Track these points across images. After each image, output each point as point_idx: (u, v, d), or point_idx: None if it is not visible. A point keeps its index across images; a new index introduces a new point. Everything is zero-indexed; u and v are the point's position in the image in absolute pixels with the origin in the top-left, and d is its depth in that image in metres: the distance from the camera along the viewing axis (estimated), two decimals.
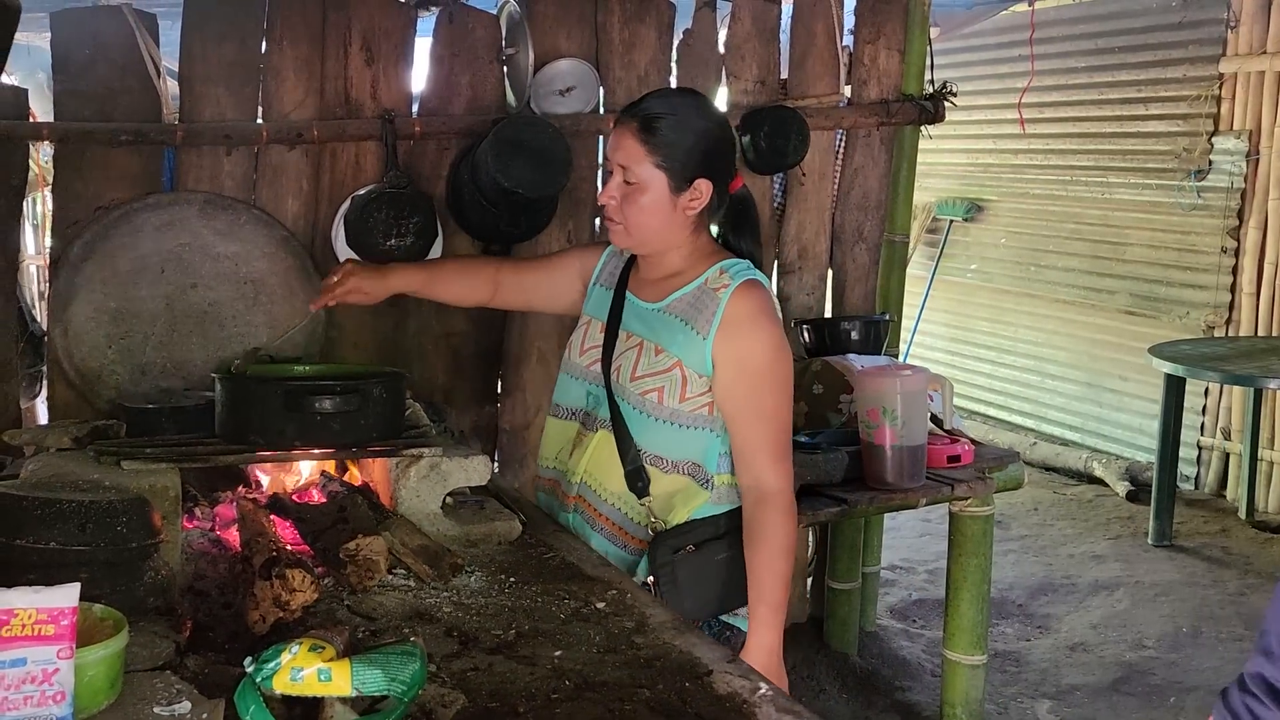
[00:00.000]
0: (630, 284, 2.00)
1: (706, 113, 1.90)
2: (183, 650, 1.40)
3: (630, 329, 1.94)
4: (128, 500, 1.44)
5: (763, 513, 1.84)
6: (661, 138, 1.83)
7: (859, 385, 2.65)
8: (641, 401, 1.88)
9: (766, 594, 1.83)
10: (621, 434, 1.89)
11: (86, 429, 1.92)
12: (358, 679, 1.18)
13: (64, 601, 1.14)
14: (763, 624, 1.83)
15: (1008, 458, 2.97)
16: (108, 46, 2.72)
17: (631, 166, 1.84)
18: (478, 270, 2.22)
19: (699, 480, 1.91)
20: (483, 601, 1.69)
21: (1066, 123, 5.97)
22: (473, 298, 2.23)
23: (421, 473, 1.90)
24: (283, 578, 1.47)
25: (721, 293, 1.85)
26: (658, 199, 1.85)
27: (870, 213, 3.50)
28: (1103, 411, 5.87)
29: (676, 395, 1.87)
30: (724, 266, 1.89)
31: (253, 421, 1.80)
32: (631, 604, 1.71)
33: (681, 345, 1.87)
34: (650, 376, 1.88)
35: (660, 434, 1.88)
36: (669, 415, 1.88)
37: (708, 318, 1.85)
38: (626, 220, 1.87)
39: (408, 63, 2.98)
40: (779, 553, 1.83)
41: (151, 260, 2.77)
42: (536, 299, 2.21)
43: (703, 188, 1.86)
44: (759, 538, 1.84)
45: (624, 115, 1.89)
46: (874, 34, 3.41)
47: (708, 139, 1.86)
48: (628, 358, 1.91)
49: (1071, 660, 3.67)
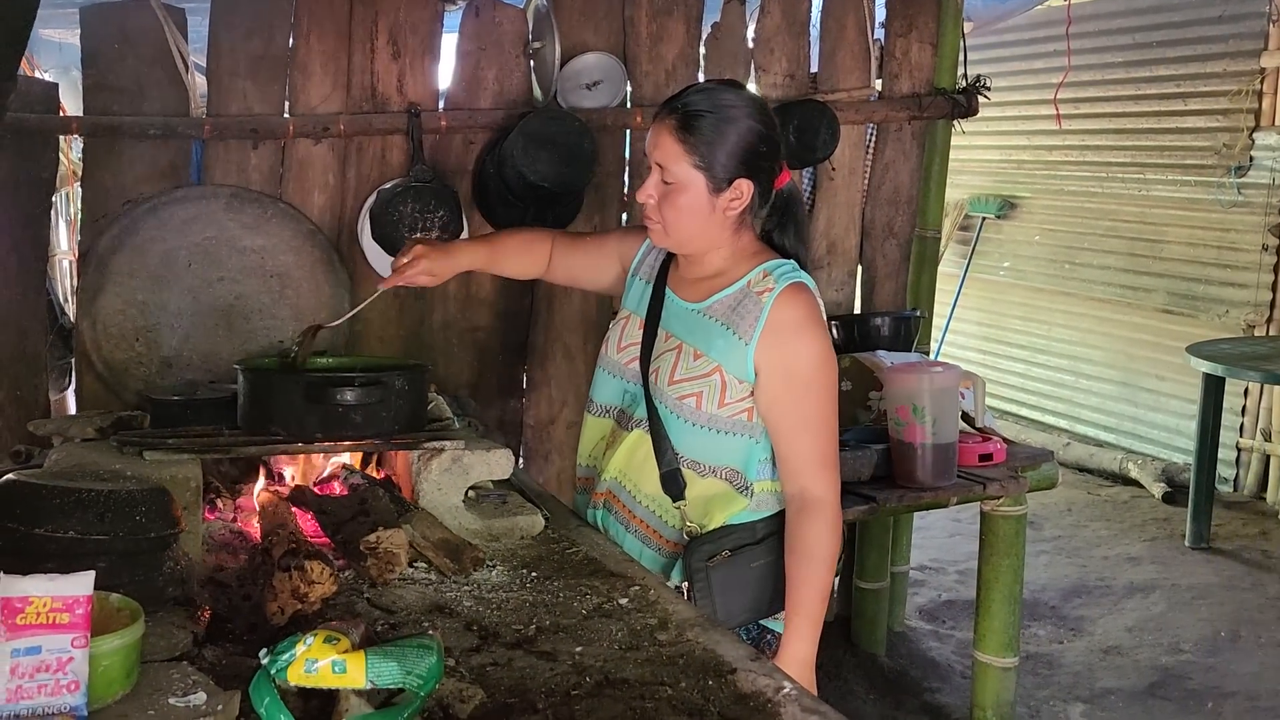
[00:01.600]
0: (670, 280, 1.93)
1: (750, 109, 1.79)
2: (200, 641, 1.39)
3: (669, 329, 1.89)
4: (147, 490, 1.43)
5: (807, 523, 1.78)
6: (701, 137, 1.75)
7: (888, 382, 2.61)
8: (679, 406, 1.83)
9: (805, 606, 1.78)
10: (658, 435, 1.84)
11: (110, 420, 1.93)
12: (373, 671, 1.16)
13: (79, 590, 1.13)
14: (799, 636, 1.78)
15: (1041, 456, 2.92)
16: (136, 41, 2.73)
17: (669, 166, 1.77)
18: (537, 245, 2.15)
19: (738, 487, 1.86)
20: (503, 596, 1.67)
21: (1103, 118, 5.88)
22: (530, 272, 2.18)
23: (443, 466, 1.88)
24: (301, 569, 1.46)
25: (765, 297, 1.79)
26: (696, 200, 1.78)
27: (901, 208, 3.46)
28: (1139, 412, 5.77)
29: (715, 401, 1.81)
30: (768, 268, 1.82)
31: (274, 413, 1.79)
32: (655, 600, 1.68)
33: (722, 350, 1.81)
34: (689, 381, 1.83)
35: (698, 439, 1.84)
36: (707, 421, 1.83)
37: (750, 323, 1.79)
38: (664, 220, 1.81)
39: (434, 57, 2.97)
40: (821, 565, 1.78)
41: (179, 253, 2.78)
42: (582, 277, 2.15)
43: (743, 188, 1.79)
44: (801, 548, 1.78)
45: (663, 110, 1.80)
46: (906, 27, 3.37)
47: (750, 137, 1.77)
48: (666, 360, 1.86)
49: (1106, 664, 3.60)
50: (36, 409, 2.79)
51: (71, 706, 1.12)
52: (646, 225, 1.87)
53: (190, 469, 1.69)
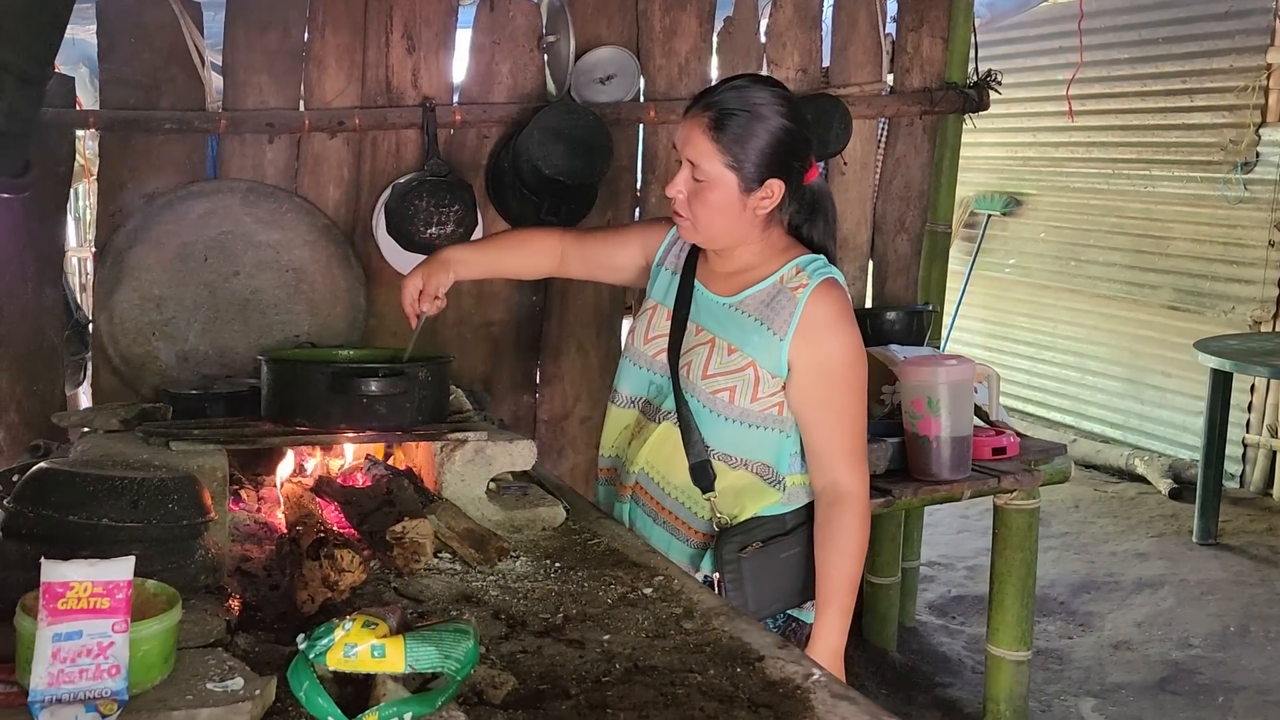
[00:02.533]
0: (699, 273, 1.93)
1: (782, 107, 1.77)
2: (233, 629, 1.40)
3: (700, 322, 1.88)
4: (179, 478, 1.43)
5: (838, 515, 1.80)
6: (733, 136, 1.74)
7: (904, 375, 2.62)
8: (712, 400, 1.83)
9: (836, 597, 1.79)
10: (687, 428, 1.85)
11: (135, 411, 1.93)
12: (411, 655, 1.17)
13: (120, 575, 1.13)
14: (830, 627, 1.79)
15: (1054, 450, 2.93)
16: (153, 35, 2.73)
17: (700, 163, 1.76)
18: (540, 242, 2.14)
19: (769, 480, 1.87)
20: (529, 586, 1.68)
21: (1109, 114, 5.88)
22: (537, 270, 2.17)
23: (467, 457, 1.88)
24: (331, 558, 1.46)
25: (799, 293, 1.79)
26: (727, 198, 1.77)
27: (912, 203, 3.46)
28: (1145, 408, 5.78)
29: (749, 395, 1.82)
30: (800, 264, 1.82)
31: (299, 404, 1.80)
32: (679, 590, 1.69)
33: (756, 346, 1.81)
34: (722, 375, 1.83)
35: (729, 432, 1.84)
36: (739, 415, 1.83)
37: (785, 319, 1.79)
38: (694, 217, 1.81)
39: (449, 51, 2.97)
40: (851, 556, 1.80)
41: (195, 248, 2.78)
42: (599, 270, 2.13)
43: (774, 188, 1.79)
44: (832, 540, 1.80)
45: (695, 107, 1.79)
46: (917, 21, 3.37)
47: (782, 137, 1.76)
48: (698, 354, 1.86)
49: (1115, 659, 3.61)
50: (53, 404, 2.79)
51: (113, 691, 1.13)
52: (675, 220, 1.87)
53: (217, 459, 1.70)
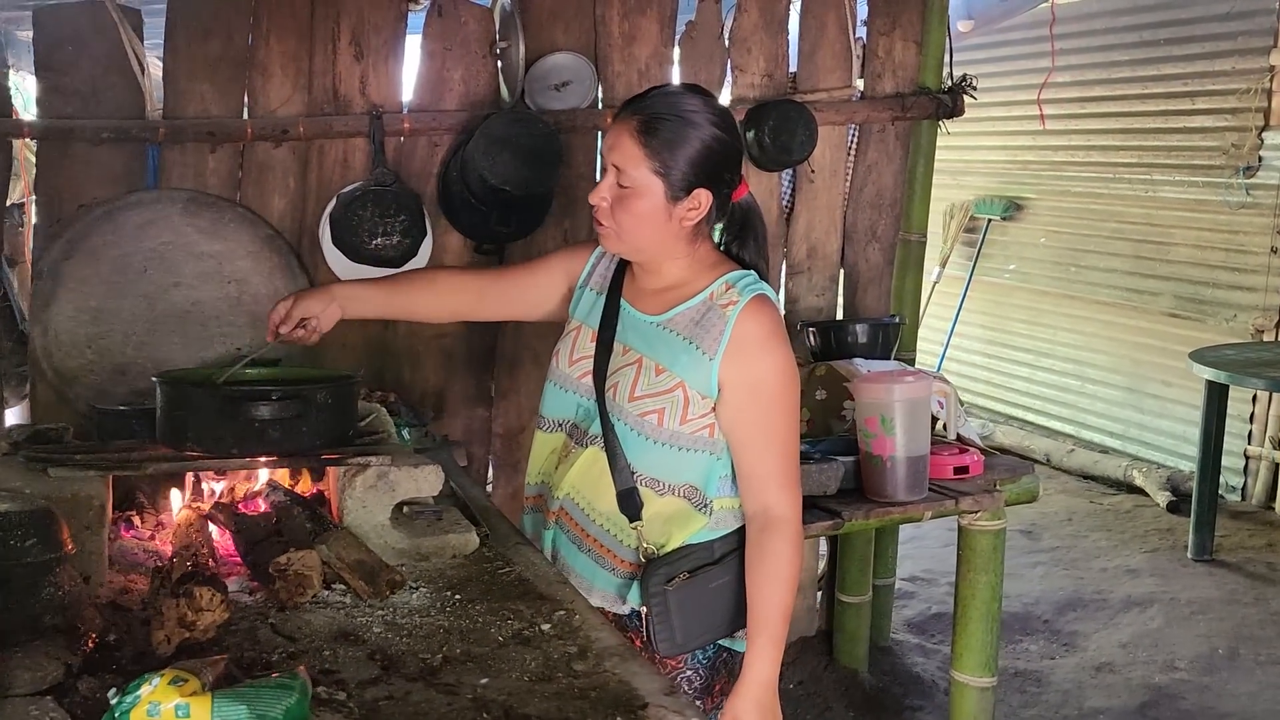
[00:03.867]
0: (625, 291, 1.86)
1: (713, 116, 1.73)
2: (76, 672, 1.32)
3: (627, 342, 1.81)
4: (25, 513, 1.36)
5: (768, 541, 1.73)
6: (662, 141, 1.69)
7: (857, 392, 2.52)
8: (640, 423, 1.77)
9: (766, 626, 1.73)
10: (614, 453, 1.78)
11: (27, 433, 1.86)
12: (219, 715, 1.08)
13: None
14: (761, 657, 1.72)
15: (1021, 469, 2.81)
16: (90, 42, 2.67)
17: (627, 169, 1.70)
18: (451, 280, 2.07)
19: (695, 504, 1.80)
20: (418, 621, 1.60)
21: (1109, 118, 5.74)
22: (447, 311, 2.08)
23: (368, 482, 1.80)
24: (189, 595, 1.38)
25: (729, 310, 1.73)
26: (652, 206, 1.71)
27: (884, 211, 3.36)
28: (1144, 418, 5.64)
29: (678, 417, 1.75)
30: (730, 280, 1.76)
31: (190, 427, 1.72)
32: (578, 626, 1.60)
33: (685, 366, 1.74)
34: (650, 397, 1.76)
35: (658, 456, 1.77)
36: (669, 437, 1.76)
37: (715, 337, 1.73)
38: (618, 225, 1.74)
39: (398, 58, 2.90)
40: (782, 584, 1.73)
41: (133, 259, 2.72)
42: (521, 305, 2.04)
43: (702, 198, 1.72)
44: (762, 567, 1.73)
45: (624, 111, 1.74)
46: (889, 24, 3.27)
47: (712, 146, 1.71)
48: (625, 375, 1.79)
49: (1096, 682, 3.49)
50: None
51: None
52: (598, 229, 1.80)
53: (95, 486, 1.63)
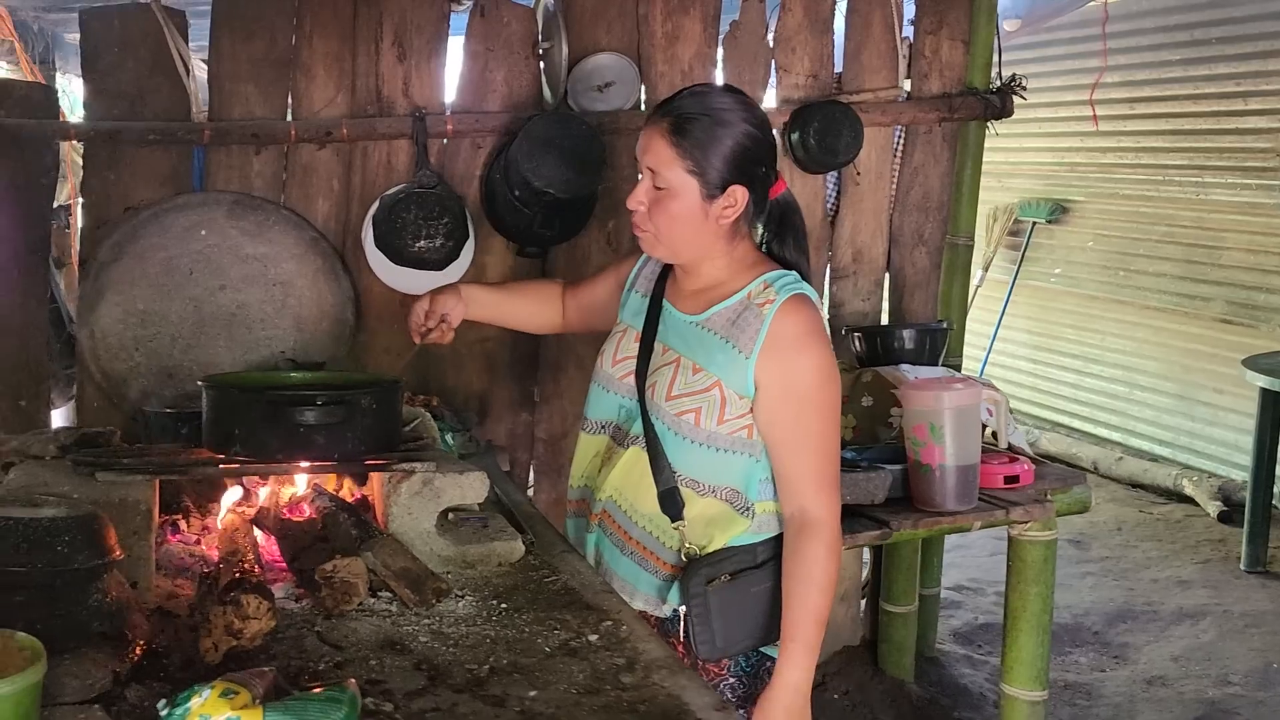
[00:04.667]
0: (668, 292, 1.87)
1: (745, 113, 1.73)
2: (124, 680, 1.31)
3: (667, 342, 1.82)
4: (74, 518, 1.35)
5: (804, 544, 1.71)
6: (694, 140, 1.69)
7: (905, 400, 2.47)
8: (677, 422, 1.76)
9: (800, 631, 1.70)
10: (655, 453, 1.77)
11: (74, 436, 1.86)
12: None
13: None
14: (793, 662, 1.70)
15: (1073, 479, 2.74)
16: (136, 44, 2.68)
17: (661, 171, 1.71)
18: (544, 292, 2.14)
19: (738, 507, 1.79)
20: (464, 631, 1.57)
21: (1159, 119, 5.63)
22: (542, 324, 2.15)
23: (413, 489, 1.78)
24: (237, 603, 1.37)
25: (766, 309, 1.72)
26: (688, 207, 1.71)
27: (931, 214, 3.30)
28: (1195, 426, 5.52)
29: (715, 417, 1.74)
30: (768, 279, 1.76)
31: (236, 431, 1.71)
32: (626, 637, 1.57)
33: (721, 365, 1.74)
34: (687, 396, 1.75)
35: (696, 456, 1.76)
36: (706, 438, 1.75)
37: (751, 336, 1.72)
38: (656, 228, 1.75)
39: (441, 59, 2.88)
40: (818, 588, 1.71)
41: (180, 261, 2.73)
42: (591, 316, 2.10)
43: (738, 195, 1.72)
44: (798, 571, 1.71)
45: (654, 114, 1.75)
46: (936, 24, 3.21)
47: (744, 142, 1.71)
48: (663, 374, 1.79)
49: (1148, 695, 3.41)
50: (37, 419, 2.76)
51: None
52: (637, 234, 1.80)
53: (142, 491, 1.62)
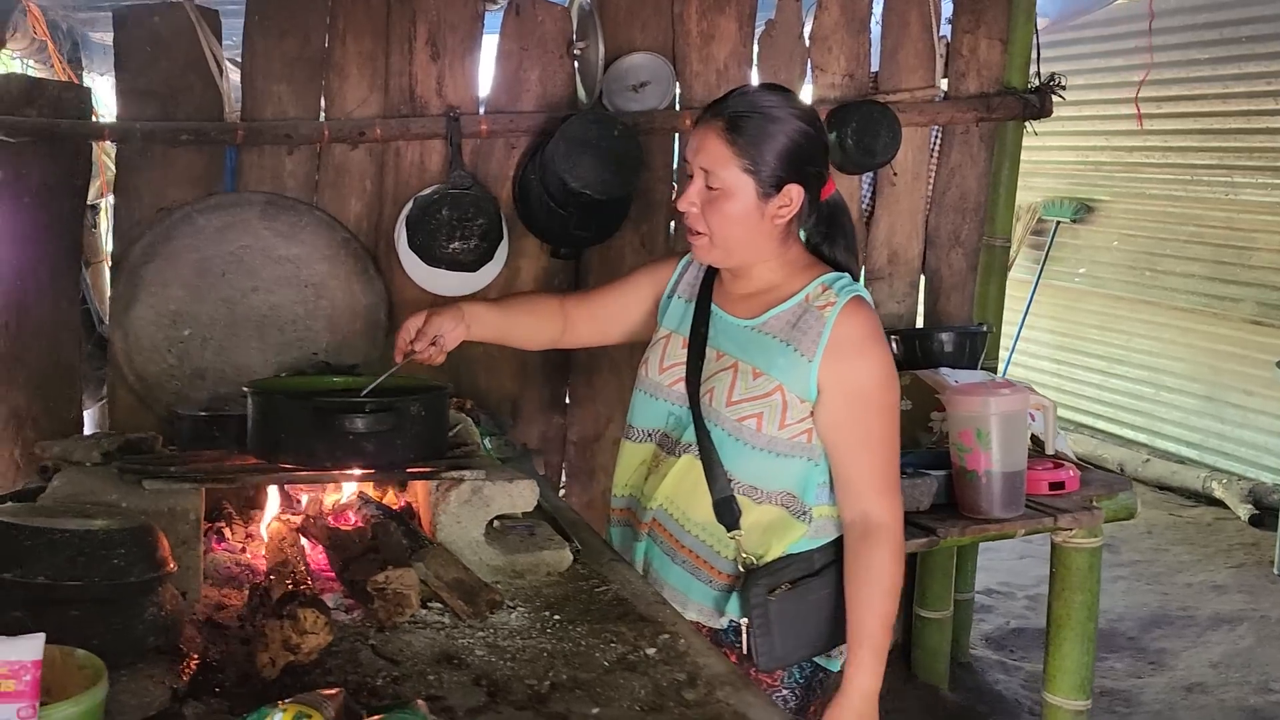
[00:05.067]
0: (716, 297, 1.83)
1: (798, 111, 1.71)
2: (181, 696, 1.28)
3: (720, 347, 1.78)
4: (129, 530, 1.32)
5: (869, 549, 1.70)
6: (749, 138, 1.67)
7: (950, 405, 2.42)
8: (738, 428, 1.73)
9: (869, 636, 1.69)
10: (710, 461, 1.74)
11: (118, 442, 1.83)
12: None
13: (27, 655, 1.02)
14: (864, 668, 1.68)
15: (1118, 485, 2.70)
16: (169, 44, 2.65)
17: (715, 170, 1.69)
18: (544, 306, 2.05)
19: (794, 512, 1.76)
20: (520, 644, 1.54)
21: (1187, 118, 5.57)
22: (541, 339, 2.06)
23: (463, 497, 1.75)
24: (294, 618, 1.34)
25: (827, 311, 1.70)
26: (744, 206, 1.69)
27: (968, 215, 3.26)
28: (1224, 428, 5.46)
29: (776, 422, 1.71)
30: (826, 282, 1.74)
31: (283, 438, 1.68)
32: (684, 651, 1.54)
33: (783, 368, 1.71)
34: (748, 401, 1.73)
35: (756, 462, 1.73)
36: (766, 443, 1.73)
37: (813, 339, 1.70)
38: (711, 229, 1.72)
39: (475, 58, 2.85)
40: (885, 593, 1.69)
41: (213, 262, 2.70)
42: (610, 327, 2.03)
43: (793, 193, 1.70)
44: (864, 576, 1.70)
45: (707, 114, 1.73)
46: (974, 22, 3.17)
47: (799, 140, 1.69)
48: (721, 380, 1.75)
49: (1188, 703, 3.36)
50: (70, 421, 2.74)
51: None
52: (690, 239, 1.77)
53: (191, 500, 1.59)
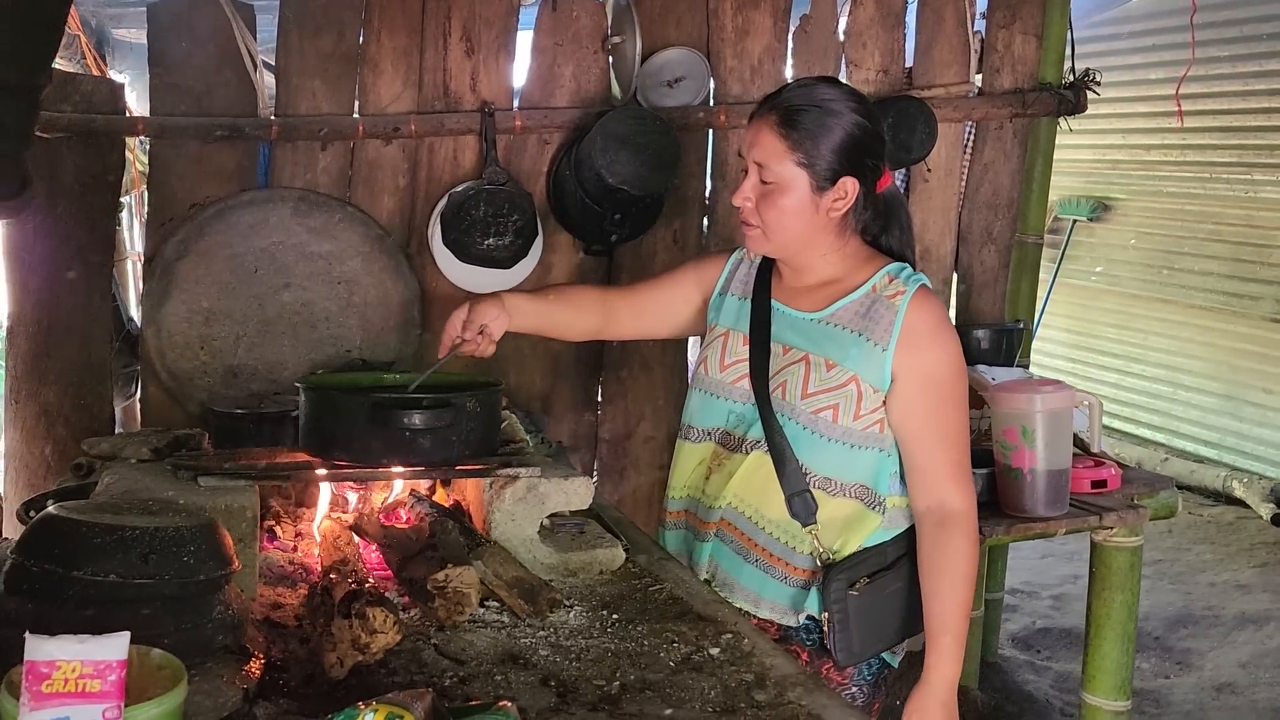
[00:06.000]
0: (775, 292, 1.82)
1: (854, 104, 1.71)
2: (251, 697, 1.26)
3: (786, 341, 1.77)
4: (197, 526, 1.30)
5: (946, 536, 1.70)
6: (804, 132, 1.67)
7: (995, 402, 2.40)
8: (814, 421, 1.72)
9: (951, 624, 1.69)
10: (781, 456, 1.73)
11: (167, 439, 1.81)
12: None
13: (113, 654, 1.00)
14: (946, 657, 1.69)
15: (1159, 483, 2.69)
16: (204, 39, 2.63)
17: (770, 164, 1.69)
18: (584, 298, 2.03)
19: (869, 504, 1.76)
20: (583, 644, 1.52)
21: (1206, 115, 5.54)
22: (582, 332, 2.04)
23: (518, 495, 1.73)
24: (363, 617, 1.32)
25: (898, 300, 1.71)
26: (799, 200, 1.69)
27: (1001, 211, 3.24)
28: (1243, 427, 5.44)
29: (851, 413, 1.71)
30: (891, 272, 1.75)
31: (338, 436, 1.66)
32: (749, 651, 1.52)
33: (857, 359, 1.71)
34: (824, 393, 1.72)
35: (831, 455, 1.73)
36: (842, 434, 1.72)
37: (885, 328, 1.70)
38: (765, 223, 1.72)
39: (509, 53, 2.83)
40: (963, 580, 1.70)
41: (245, 259, 2.68)
42: (654, 322, 2.00)
43: (848, 187, 1.70)
44: (941, 564, 1.69)
45: (762, 108, 1.73)
46: (1009, 18, 3.15)
47: (855, 133, 1.69)
48: (793, 373, 1.74)
49: (1219, 703, 3.34)
50: (101, 418, 2.72)
51: None
52: (744, 230, 1.77)
53: (247, 497, 1.57)
